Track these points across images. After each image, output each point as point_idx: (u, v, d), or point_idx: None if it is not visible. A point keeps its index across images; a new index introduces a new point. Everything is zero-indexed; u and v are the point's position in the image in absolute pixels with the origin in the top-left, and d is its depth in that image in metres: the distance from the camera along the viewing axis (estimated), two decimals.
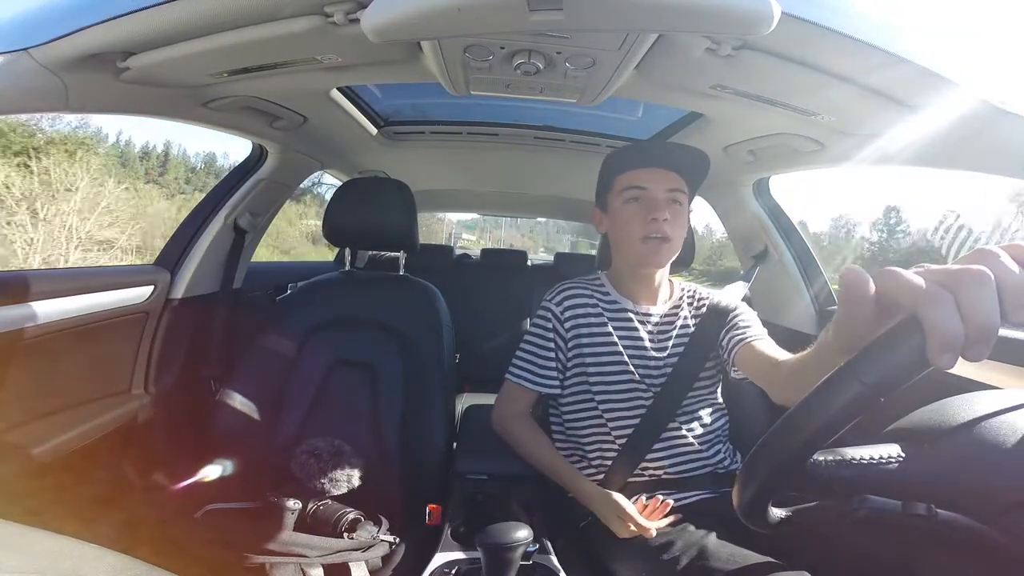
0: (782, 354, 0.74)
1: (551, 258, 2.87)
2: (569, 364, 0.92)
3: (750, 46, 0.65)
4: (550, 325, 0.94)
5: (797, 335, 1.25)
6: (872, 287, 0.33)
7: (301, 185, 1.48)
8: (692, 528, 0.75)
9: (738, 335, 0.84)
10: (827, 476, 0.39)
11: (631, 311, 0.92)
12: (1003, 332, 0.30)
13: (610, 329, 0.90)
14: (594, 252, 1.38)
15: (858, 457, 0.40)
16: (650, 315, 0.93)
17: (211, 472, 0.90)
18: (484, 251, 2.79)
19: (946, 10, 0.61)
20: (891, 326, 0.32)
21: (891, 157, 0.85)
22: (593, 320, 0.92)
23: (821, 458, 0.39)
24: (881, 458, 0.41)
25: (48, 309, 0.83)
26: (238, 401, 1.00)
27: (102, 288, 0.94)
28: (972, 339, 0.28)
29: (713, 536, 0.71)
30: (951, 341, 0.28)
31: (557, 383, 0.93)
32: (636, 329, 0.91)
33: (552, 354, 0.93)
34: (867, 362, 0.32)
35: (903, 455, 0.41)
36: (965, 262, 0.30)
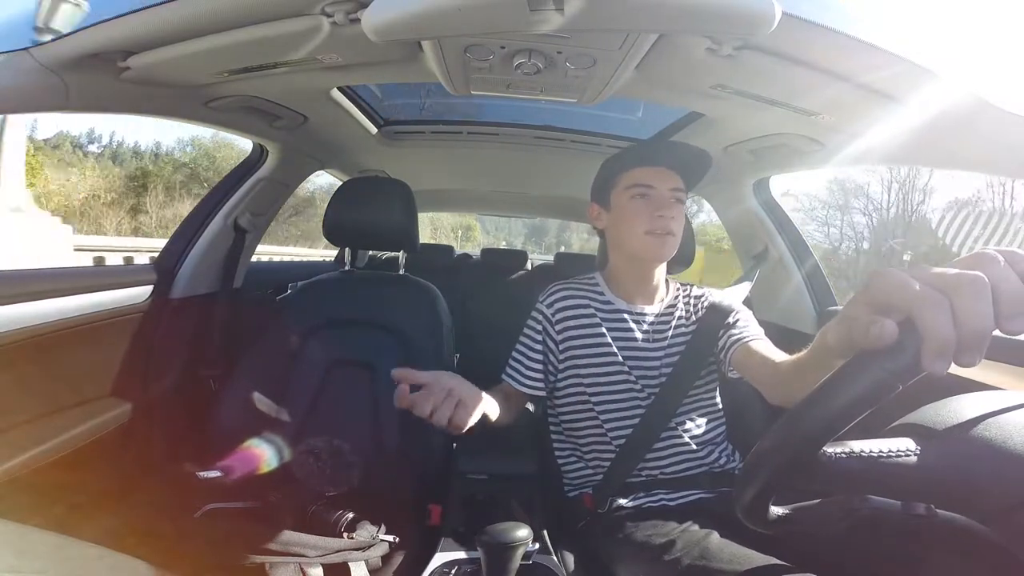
0: (779, 355, 0.73)
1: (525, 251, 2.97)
2: (561, 366, 0.92)
3: (751, 46, 0.65)
4: (540, 327, 0.93)
5: (797, 335, 1.25)
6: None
7: None
8: (694, 528, 0.75)
9: (736, 335, 0.84)
10: (836, 469, 0.38)
11: (625, 311, 0.91)
12: (1003, 335, 0.30)
13: (603, 330, 0.89)
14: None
15: (868, 450, 0.40)
16: (645, 315, 0.91)
17: (211, 472, 0.90)
18: (484, 251, 2.80)
19: (948, 10, 0.61)
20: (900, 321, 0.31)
21: (891, 157, 0.85)
22: (586, 321, 0.90)
23: (831, 451, 0.38)
24: (891, 452, 0.40)
25: (47, 309, 0.83)
26: (237, 401, 1.00)
27: (101, 288, 0.94)
28: (964, 346, 0.28)
29: (715, 536, 0.70)
30: (945, 346, 0.28)
31: (541, 385, 0.92)
32: (631, 329, 0.90)
33: (540, 356, 0.92)
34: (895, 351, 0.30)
35: (919, 448, 0.40)
36: (963, 265, 0.30)
